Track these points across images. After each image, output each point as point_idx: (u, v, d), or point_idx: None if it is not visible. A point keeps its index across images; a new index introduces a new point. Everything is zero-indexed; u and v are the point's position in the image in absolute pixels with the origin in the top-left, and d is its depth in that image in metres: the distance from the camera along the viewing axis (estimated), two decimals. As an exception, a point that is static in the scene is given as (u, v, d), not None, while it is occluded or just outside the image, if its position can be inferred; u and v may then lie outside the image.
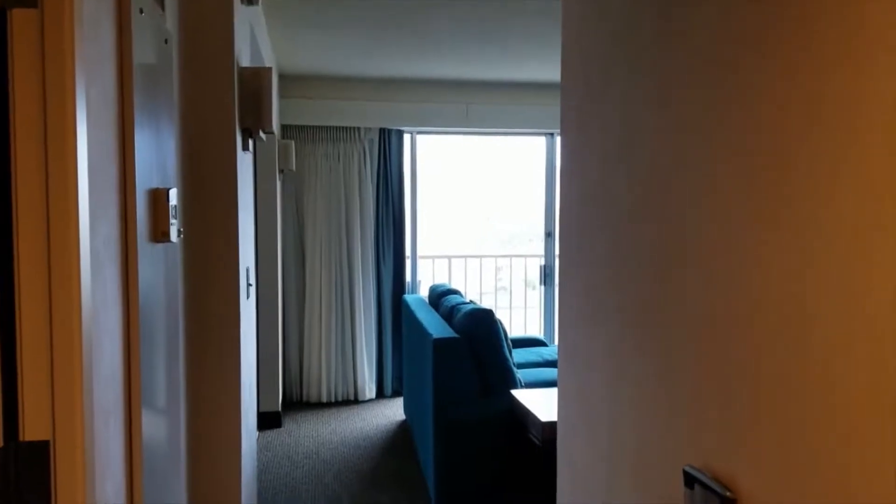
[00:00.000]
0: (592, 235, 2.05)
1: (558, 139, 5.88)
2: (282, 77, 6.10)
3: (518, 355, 5.25)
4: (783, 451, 1.18)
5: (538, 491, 3.41)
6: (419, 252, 6.80)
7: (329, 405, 6.27)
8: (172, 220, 1.81)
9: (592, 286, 2.06)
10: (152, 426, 1.66)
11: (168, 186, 1.87)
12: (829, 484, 1.07)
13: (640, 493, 1.76)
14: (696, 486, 1.44)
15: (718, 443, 1.38)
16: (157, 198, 1.75)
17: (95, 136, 1.28)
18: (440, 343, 3.86)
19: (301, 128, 6.25)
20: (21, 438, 1.16)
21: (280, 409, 5.68)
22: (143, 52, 1.65)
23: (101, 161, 1.32)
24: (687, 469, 1.44)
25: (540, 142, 6.89)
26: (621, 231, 1.86)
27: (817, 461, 1.10)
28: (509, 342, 4.28)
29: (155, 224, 1.73)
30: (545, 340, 6.19)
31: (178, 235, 1.96)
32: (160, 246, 1.79)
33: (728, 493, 1.30)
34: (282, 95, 6.13)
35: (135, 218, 1.52)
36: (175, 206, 1.85)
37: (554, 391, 3.54)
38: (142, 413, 1.53)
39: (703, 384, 1.44)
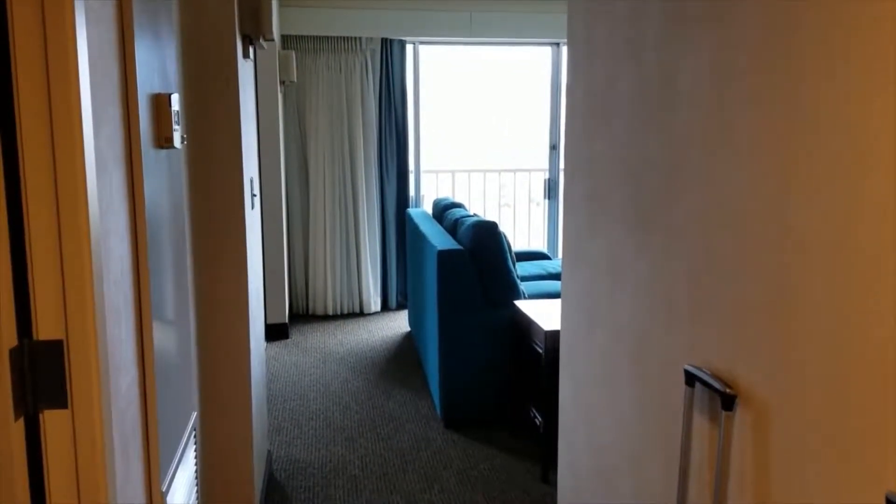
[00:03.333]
0: (596, 143, 2.03)
1: (565, 49, 5.74)
2: (281, -15, 5.94)
3: (522, 268, 5.29)
4: (782, 348, 1.20)
5: (541, 397, 3.49)
6: (423, 166, 6.77)
7: (335, 317, 6.37)
8: (175, 126, 1.80)
9: (596, 191, 2.05)
10: (162, 329, 1.69)
11: (170, 91, 1.85)
12: (827, 376, 1.10)
13: (639, 391, 1.80)
14: (697, 385, 1.47)
15: (718, 342, 1.40)
16: (160, 102, 1.73)
17: (95, 33, 1.26)
18: (444, 255, 3.89)
19: (302, 38, 6.12)
20: (35, 337, 1.18)
21: (287, 320, 5.77)
22: (139, -51, 1.60)
23: (102, 60, 1.30)
24: (687, 368, 1.47)
25: (545, 52, 6.76)
26: (625, 138, 1.84)
27: (817, 358, 1.12)
28: (513, 255, 4.31)
29: (158, 129, 1.72)
30: (549, 254, 6.22)
31: (182, 142, 1.95)
32: (164, 152, 1.78)
33: (728, 390, 1.33)
34: (282, 4, 5.98)
35: (138, 122, 1.51)
36: (177, 111, 1.83)
37: (557, 302, 3.58)
38: (151, 313, 1.55)
39: (703, 287, 1.45)
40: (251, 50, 2.97)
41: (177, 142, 1.81)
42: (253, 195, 2.97)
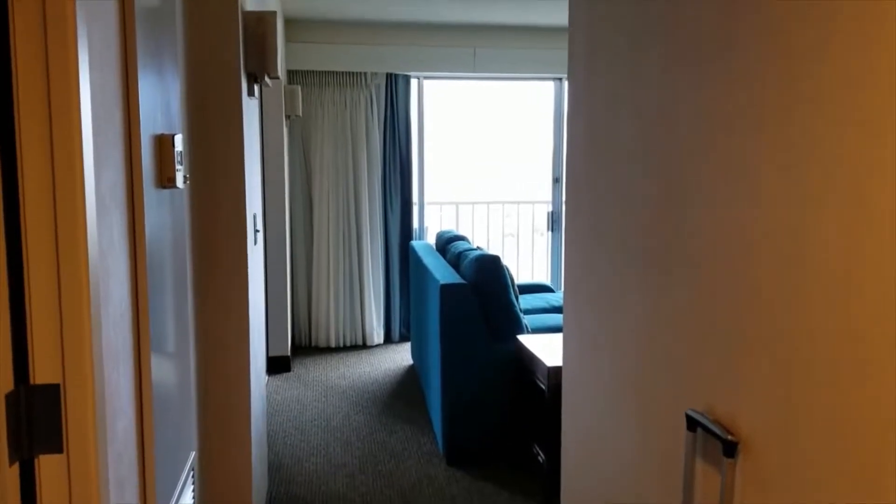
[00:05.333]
0: (597, 178, 2.04)
1: (567, 84, 5.78)
2: (287, 21, 6.01)
3: (525, 301, 5.27)
4: (784, 396, 1.19)
5: (544, 435, 3.46)
6: (426, 198, 6.79)
7: (337, 350, 6.35)
8: (178, 166, 1.81)
9: (597, 229, 2.05)
10: (162, 369, 1.68)
11: (173, 132, 1.86)
12: (830, 426, 1.08)
13: (643, 435, 1.78)
14: (699, 430, 1.45)
15: (720, 387, 1.39)
16: (163, 143, 1.74)
17: (98, 78, 1.27)
18: (447, 289, 3.88)
19: (307, 73, 6.19)
20: (31, 382, 1.17)
21: (289, 353, 5.75)
22: (145, -7, 1.62)
23: (105, 104, 1.32)
24: (689, 413, 1.46)
25: (548, 87, 6.81)
26: (626, 173, 1.84)
27: (818, 404, 1.11)
28: (516, 288, 4.30)
29: (160, 170, 1.73)
30: (552, 287, 6.21)
31: (185, 182, 1.96)
32: (166, 192, 1.79)
33: (730, 437, 1.31)
34: (288, 40, 6.05)
35: (140, 163, 1.51)
36: (180, 151, 1.84)
37: (560, 336, 3.56)
38: (150, 355, 1.55)
39: (704, 328, 1.44)
40: (256, 88, 3.00)
41: (179, 181, 1.82)
42: (256, 231, 2.98)
